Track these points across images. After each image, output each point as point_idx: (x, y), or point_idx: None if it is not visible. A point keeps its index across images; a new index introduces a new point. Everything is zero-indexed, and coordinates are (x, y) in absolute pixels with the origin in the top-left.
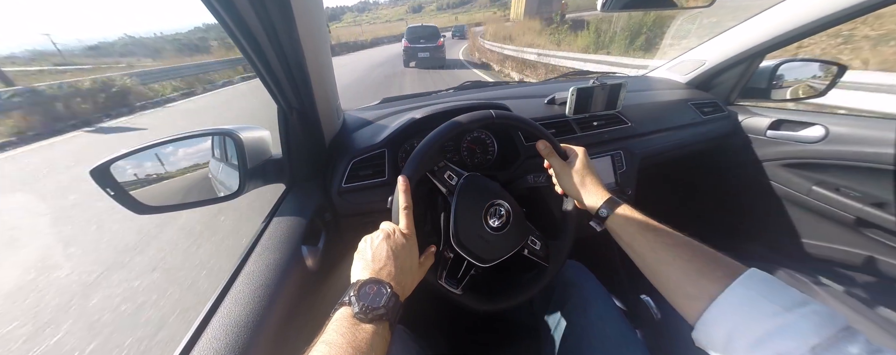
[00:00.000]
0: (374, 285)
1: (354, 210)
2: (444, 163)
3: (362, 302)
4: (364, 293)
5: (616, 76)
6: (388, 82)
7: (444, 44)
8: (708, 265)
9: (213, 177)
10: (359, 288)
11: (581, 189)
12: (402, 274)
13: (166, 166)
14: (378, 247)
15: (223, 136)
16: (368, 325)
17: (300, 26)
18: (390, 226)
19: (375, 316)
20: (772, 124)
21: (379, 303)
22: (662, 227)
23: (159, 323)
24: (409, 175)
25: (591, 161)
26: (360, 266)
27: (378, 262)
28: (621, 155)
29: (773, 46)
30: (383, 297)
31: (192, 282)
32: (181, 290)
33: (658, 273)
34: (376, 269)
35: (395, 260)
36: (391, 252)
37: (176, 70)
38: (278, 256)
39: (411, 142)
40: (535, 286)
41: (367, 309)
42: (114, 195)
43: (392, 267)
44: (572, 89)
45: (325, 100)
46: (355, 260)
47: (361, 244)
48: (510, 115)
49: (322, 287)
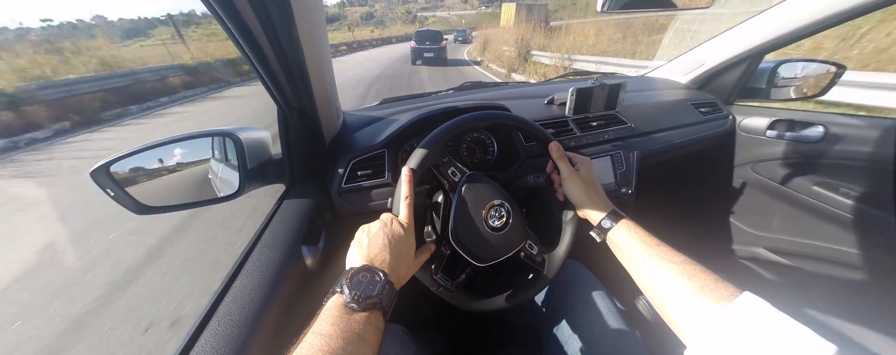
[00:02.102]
0: (367, 273)
1: (354, 210)
2: (449, 158)
3: (355, 291)
4: (357, 281)
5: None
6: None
7: (446, 46)
8: (706, 286)
9: (213, 178)
10: (351, 276)
11: (586, 198)
12: (398, 263)
13: (166, 167)
14: (375, 236)
15: (223, 137)
16: (361, 314)
17: (300, 26)
18: (389, 216)
19: (368, 304)
20: (771, 124)
21: (372, 292)
22: (662, 244)
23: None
24: (414, 167)
25: (595, 171)
26: (356, 253)
27: (373, 250)
28: (621, 155)
29: (772, 46)
30: (377, 285)
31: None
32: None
33: (655, 289)
34: (371, 257)
35: (391, 248)
36: (388, 240)
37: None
38: (278, 256)
39: (411, 142)
40: (529, 292)
41: (360, 297)
42: (114, 195)
43: (387, 255)
44: (572, 90)
45: (325, 100)
46: (351, 248)
47: (358, 232)
48: (520, 119)
49: (322, 287)
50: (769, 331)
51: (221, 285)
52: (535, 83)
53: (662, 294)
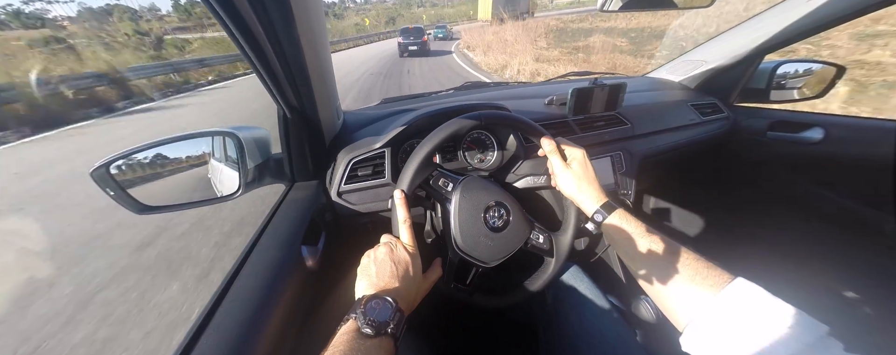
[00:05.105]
0: (379, 301)
1: (354, 210)
2: (437, 170)
3: (369, 317)
4: (370, 308)
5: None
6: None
7: (429, 40)
8: (699, 273)
9: (213, 177)
10: (365, 303)
11: (578, 191)
12: (407, 290)
13: (166, 166)
14: (381, 264)
15: (223, 136)
16: (374, 341)
17: (300, 26)
18: (392, 239)
19: (380, 332)
20: (771, 125)
21: (384, 319)
22: (656, 233)
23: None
24: (405, 189)
25: (590, 163)
26: (365, 283)
27: (382, 279)
28: (621, 156)
29: (772, 47)
30: (388, 313)
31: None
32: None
33: (650, 278)
34: (380, 286)
35: (398, 276)
36: (395, 267)
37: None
38: (278, 256)
39: (411, 142)
40: (542, 278)
41: (373, 324)
42: (113, 195)
43: (396, 283)
44: (572, 90)
45: (325, 100)
46: (359, 276)
47: (364, 259)
48: (499, 115)
49: (322, 287)
50: (763, 314)
51: (221, 285)
52: (536, 83)
53: (656, 281)
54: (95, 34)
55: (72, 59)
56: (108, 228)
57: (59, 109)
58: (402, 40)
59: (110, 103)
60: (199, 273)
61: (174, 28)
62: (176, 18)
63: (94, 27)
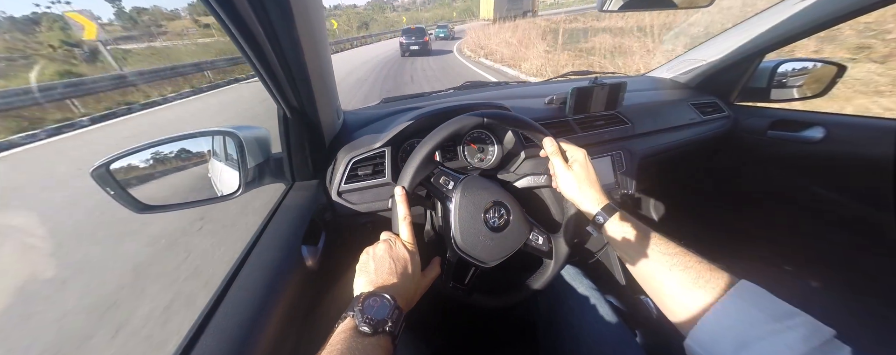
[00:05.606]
0: (377, 298)
1: (354, 210)
2: (438, 168)
3: (367, 315)
4: (368, 306)
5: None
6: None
7: (430, 40)
8: (701, 275)
9: (213, 177)
10: (362, 300)
11: (579, 192)
12: (406, 287)
13: (166, 165)
14: (380, 260)
15: (223, 136)
16: (372, 339)
17: (300, 26)
18: (391, 236)
19: (379, 330)
20: (771, 124)
21: (382, 317)
22: (659, 236)
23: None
24: (406, 186)
25: (591, 164)
26: (363, 280)
27: (381, 276)
28: (621, 155)
29: (772, 46)
30: (386, 311)
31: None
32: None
33: (652, 281)
34: (379, 283)
35: (397, 273)
36: (393, 265)
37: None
38: (278, 256)
39: (411, 141)
40: (541, 279)
41: (371, 322)
42: (114, 194)
43: (395, 280)
44: (572, 89)
45: (325, 100)
46: (357, 273)
47: (363, 256)
48: (502, 114)
49: (322, 287)
50: (768, 317)
51: (221, 285)
52: (536, 83)
53: (659, 285)
54: (14, 47)
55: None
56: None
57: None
58: (404, 40)
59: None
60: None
61: (117, 38)
62: (119, 27)
63: (17, 39)
